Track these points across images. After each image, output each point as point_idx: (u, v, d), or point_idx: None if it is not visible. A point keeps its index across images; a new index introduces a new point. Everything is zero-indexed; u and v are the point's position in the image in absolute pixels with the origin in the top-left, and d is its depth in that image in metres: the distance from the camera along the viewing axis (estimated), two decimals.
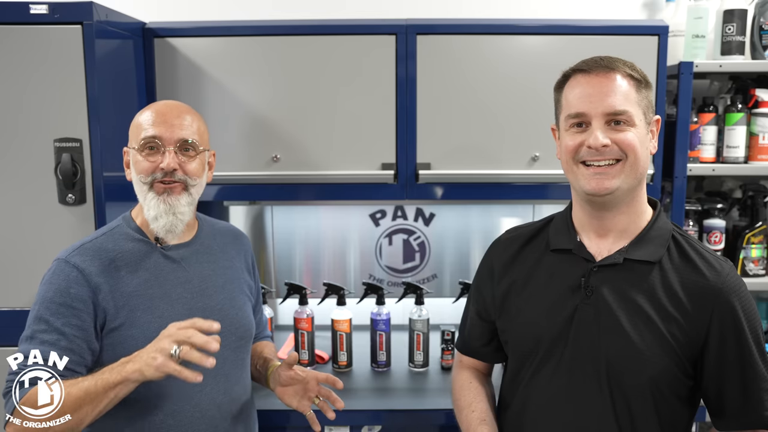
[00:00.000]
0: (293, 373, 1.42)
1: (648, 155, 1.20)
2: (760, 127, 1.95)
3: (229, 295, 1.44)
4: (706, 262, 1.20)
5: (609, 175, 1.16)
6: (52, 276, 1.28)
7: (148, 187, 1.32)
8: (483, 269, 1.40)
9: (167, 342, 1.13)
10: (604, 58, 1.20)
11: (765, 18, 2.00)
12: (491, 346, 1.40)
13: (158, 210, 1.31)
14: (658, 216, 1.25)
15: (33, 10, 1.56)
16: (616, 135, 1.16)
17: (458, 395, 1.39)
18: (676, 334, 1.16)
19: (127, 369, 1.15)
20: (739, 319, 1.17)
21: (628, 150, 1.16)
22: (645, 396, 1.18)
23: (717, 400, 1.21)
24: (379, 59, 1.84)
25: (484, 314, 1.38)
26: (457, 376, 1.44)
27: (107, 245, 1.33)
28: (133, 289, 1.31)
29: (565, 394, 1.22)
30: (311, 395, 1.43)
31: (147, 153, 1.31)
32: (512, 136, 1.87)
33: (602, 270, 1.22)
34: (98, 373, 1.19)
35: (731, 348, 1.17)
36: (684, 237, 1.24)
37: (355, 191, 1.91)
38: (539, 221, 1.38)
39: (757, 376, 1.18)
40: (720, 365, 1.17)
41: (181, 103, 1.39)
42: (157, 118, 1.32)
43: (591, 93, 1.17)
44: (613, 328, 1.18)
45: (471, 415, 1.32)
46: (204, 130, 1.39)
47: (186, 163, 1.33)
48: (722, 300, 1.17)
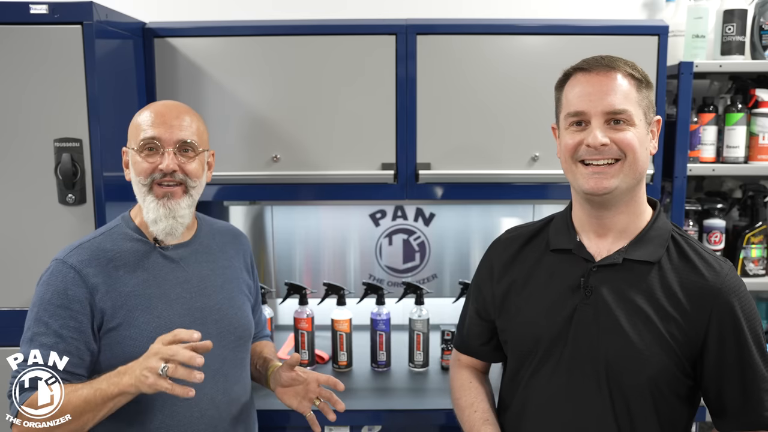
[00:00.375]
0: (294, 374, 1.42)
1: (647, 155, 1.20)
2: (760, 127, 1.95)
3: (228, 295, 1.44)
4: (705, 263, 1.20)
5: (607, 174, 1.16)
6: (50, 277, 1.28)
7: (147, 189, 1.32)
8: (483, 268, 1.40)
9: (155, 360, 1.11)
10: (605, 57, 1.20)
11: (765, 18, 2.00)
12: (490, 345, 1.40)
13: (158, 213, 1.31)
14: (658, 216, 1.25)
15: (33, 10, 1.56)
16: (616, 134, 1.15)
17: (458, 394, 1.39)
18: (675, 333, 1.17)
19: (124, 382, 1.14)
20: (738, 319, 1.16)
21: (627, 150, 1.15)
22: (644, 395, 1.18)
23: (717, 401, 1.21)
24: (379, 59, 1.84)
25: (483, 313, 1.38)
26: (456, 375, 1.44)
27: (105, 245, 1.33)
28: (131, 289, 1.31)
29: (564, 394, 1.22)
30: (312, 396, 1.43)
31: (146, 154, 1.31)
32: (512, 136, 1.87)
33: (601, 270, 1.22)
34: (96, 381, 1.19)
35: (730, 348, 1.17)
36: (683, 237, 1.24)
37: (355, 191, 1.91)
38: (539, 221, 1.38)
39: (756, 376, 1.17)
40: (719, 366, 1.17)
41: (180, 104, 1.39)
42: (156, 118, 1.31)
43: (591, 92, 1.17)
44: (613, 328, 1.18)
45: (474, 415, 1.32)
46: (203, 130, 1.39)
47: (185, 163, 1.33)
48: (721, 300, 1.16)
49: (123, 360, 1.26)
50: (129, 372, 1.15)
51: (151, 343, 1.27)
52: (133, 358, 1.25)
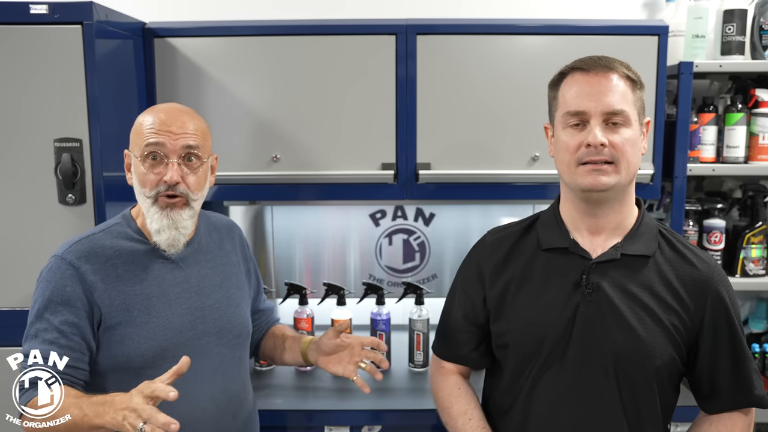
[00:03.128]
0: (340, 340, 1.44)
1: (639, 156, 1.23)
2: (760, 127, 1.95)
3: (227, 293, 1.44)
4: (694, 255, 1.27)
5: (605, 171, 1.18)
6: (49, 273, 1.28)
7: (152, 201, 1.31)
8: (469, 272, 1.39)
9: (133, 418, 1.07)
10: (602, 58, 1.21)
11: (765, 18, 2.00)
12: (479, 350, 1.38)
13: (161, 224, 1.31)
14: (644, 212, 1.29)
15: (33, 10, 1.56)
16: (612, 136, 1.17)
17: (448, 403, 1.37)
18: (677, 323, 1.21)
19: (107, 419, 1.11)
20: (728, 306, 1.24)
21: (621, 153, 1.18)
22: (651, 386, 1.22)
23: (709, 383, 1.26)
24: (379, 59, 1.84)
25: (472, 318, 1.36)
26: (442, 383, 1.41)
27: (105, 242, 1.33)
28: (130, 288, 1.31)
29: (574, 392, 1.23)
30: (357, 360, 1.45)
31: (150, 164, 1.29)
32: (512, 136, 1.87)
33: (600, 266, 1.23)
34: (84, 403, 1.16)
35: (723, 333, 1.24)
36: (669, 232, 1.30)
37: (356, 191, 1.91)
38: (523, 220, 1.38)
39: (746, 357, 1.26)
40: (714, 350, 1.24)
41: (184, 107, 1.37)
42: (159, 125, 1.29)
43: (590, 92, 1.18)
44: (619, 323, 1.20)
45: (469, 423, 1.31)
46: (207, 135, 1.37)
47: (188, 175, 1.31)
48: (713, 289, 1.23)
49: (122, 359, 1.26)
50: (112, 409, 1.11)
51: (149, 342, 1.27)
52: (131, 357, 1.25)
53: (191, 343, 1.34)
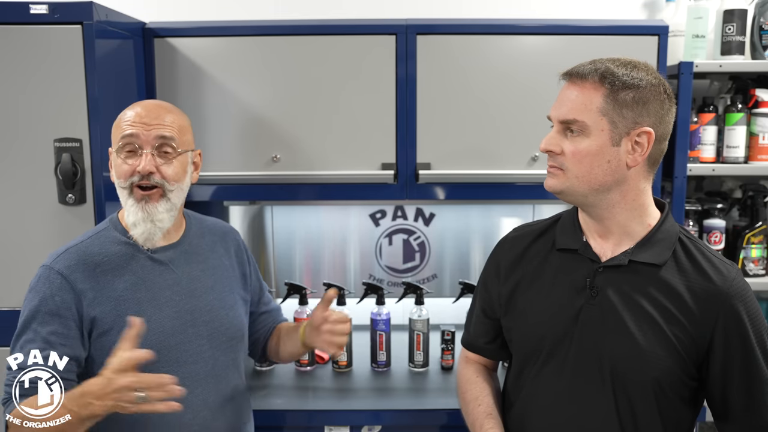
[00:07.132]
0: (329, 311, 1.45)
1: (610, 168, 1.15)
2: (760, 127, 1.95)
3: (219, 296, 1.43)
4: (712, 266, 1.19)
5: (553, 174, 1.20)
6: (37, 283, 1.28)
7: (128, 192, 1.31)
8: (490, 266, 1.41)
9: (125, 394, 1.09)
10: (584, 65, 1.18)
11: (765, 18, 2.00)
12: (495, 343, 1.41)
13: (137, 217, 1.30)
14: (666, 218, 1.24)
15: (33, 10, 1.56)
16: (564, 143, 1.17)
17: (464, 389, 1.41)
18: (680, 336, 1.17)
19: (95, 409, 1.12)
20: (744, 324, 1.16)
21: (570, 162, 1.17)
22: (648, 396, 1.19)
23: (721, 404, 1.21)
24: (379, 59, 1.84)
25: (489, 311, 1.39)
26: (463, 370, 1.45)
27: (93, 249, 1.32)
28: (120, 294, 1.30)
29: (568, 393, 1.23)
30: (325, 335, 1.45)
31: (125, 155, 1.30)
32: (512, 136, 1.87)
33: (607, 271, 1.22)
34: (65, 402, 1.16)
35: (736, 352, 1.17)
36: (691, 240, 1.24)
37: (355, 191, 1.91)
38: (547, 219, 1.38)
39: (761, 381, 1.17)
40: (725, 369, 1.17)
41: (163, 102, 1.37)
42: (135, 118, 1.30)
43: (558, 99, 1.19)
44: (618, 329, 1.19)
45: (477, 408, 1.33)
46: (186, 129, 1.37)
47: (163, 165, 1.31)
48: (728, 304, 1.16)
49: None
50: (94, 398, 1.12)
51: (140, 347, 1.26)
52: None
53: (183, 347, 1.34)
